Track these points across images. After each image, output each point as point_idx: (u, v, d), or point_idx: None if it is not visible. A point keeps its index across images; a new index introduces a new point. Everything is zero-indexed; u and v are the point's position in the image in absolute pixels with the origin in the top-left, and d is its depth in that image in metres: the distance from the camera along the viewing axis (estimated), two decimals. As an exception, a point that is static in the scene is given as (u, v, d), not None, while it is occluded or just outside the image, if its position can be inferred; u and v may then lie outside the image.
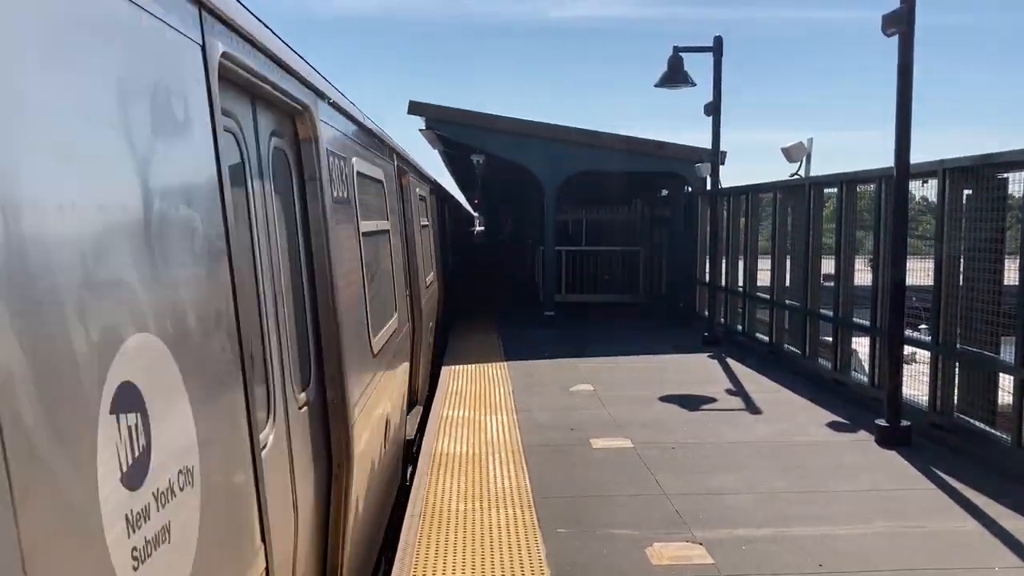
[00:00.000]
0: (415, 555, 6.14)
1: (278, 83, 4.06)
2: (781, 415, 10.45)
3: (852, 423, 9.94)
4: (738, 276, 16.14)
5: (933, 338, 9.43)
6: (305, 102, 4.67)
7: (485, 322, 19.89)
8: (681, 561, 6.04)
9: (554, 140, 18.85)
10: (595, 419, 10.26)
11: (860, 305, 11.43)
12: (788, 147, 13.54)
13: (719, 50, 15.59)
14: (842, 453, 8.78)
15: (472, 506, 7.18)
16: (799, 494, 7.48)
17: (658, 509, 7.11)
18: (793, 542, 6.37)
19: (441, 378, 12.92)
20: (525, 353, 15.04)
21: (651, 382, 12.48)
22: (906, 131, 8.88)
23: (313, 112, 4.82)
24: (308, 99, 4.75)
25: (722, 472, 8.13)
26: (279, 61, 4.08)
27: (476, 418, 10.32)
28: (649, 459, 8.55)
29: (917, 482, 7.86)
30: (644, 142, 19.44)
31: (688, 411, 10.74)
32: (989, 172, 8.67)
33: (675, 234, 20.10)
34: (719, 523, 6.77)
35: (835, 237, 11.75)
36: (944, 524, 6.77)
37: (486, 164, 23.43)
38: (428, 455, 8.76)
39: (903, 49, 8.77)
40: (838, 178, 11.69)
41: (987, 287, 8.63)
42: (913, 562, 6.00)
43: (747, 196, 15.72)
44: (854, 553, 6.16)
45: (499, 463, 8.44)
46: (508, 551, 6.22)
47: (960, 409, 9.11)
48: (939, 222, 9.29)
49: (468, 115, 18.81)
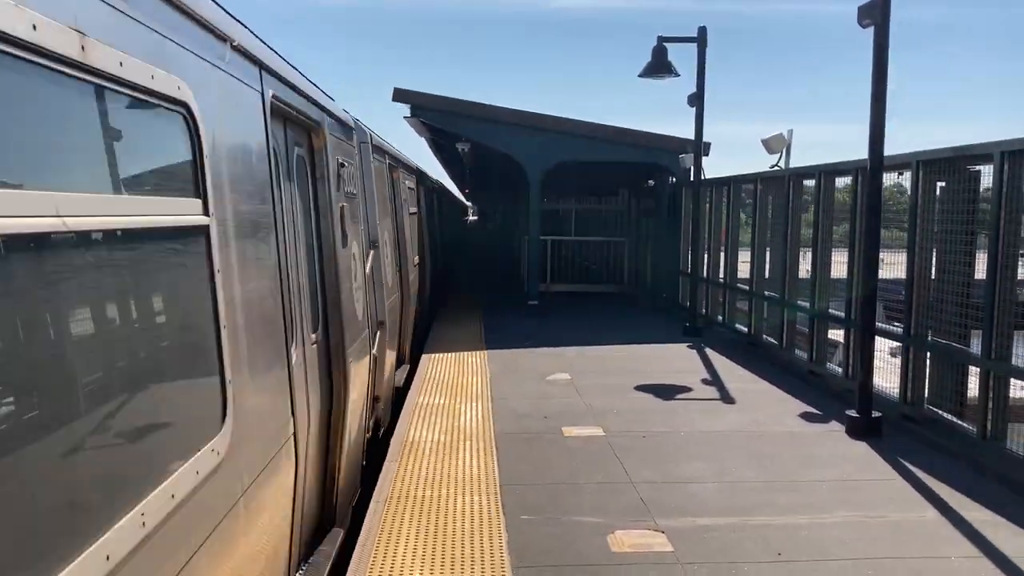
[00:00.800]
0: (377, 539, 6.16)
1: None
2: (755, 405, 10.49)
3: (824, 414, 9.98)
4: (719, 267, 16.17)
5: (905, 330, 9.47)
6: (318, 120, 6.12)
7: (470, 310, 19.91)
8: (641, 548, 6.07)
9: (539, 129, 18.82)
10: (570, 408, 10.29)
11: (840, 297, 11.47)
12: (768, 139, 13.56)
13: (703, 40, 15.59)
14: (812, 444, 8.82)
15: (438, 492, 7.21)
16: (765, 483, 7.52)
17: (623, 497, 7.14)
18: (754, 531, 6.41)
19: (420, 365, 12.94)
20: (506, 342, 15.06)
21: (629, 372, 12.51)
22: (880, 123, 8.90)
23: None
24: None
25: (691, 461, 8.17)
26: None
27: (451, 406, 10.34)
28: (619, 447, 8.58)
29: (883, 473, 7.90)
30: (630, 132, 19.42)
31: (663, 400, 10.78)
32: (962, 165, 8.70)
33: (659, 225, 20.11)
34: (683, 511, 6.80)
35: (813, 229, 11.78)
36: (906, 514, 6.81)
37: (476, 153, 23.40)
38: (399, 442, 8.77)
39: (878, 41, 8.78)
40: (817, 169, 11.71)
41: (958, 280, 8.67)
42: (870, 551, 6.04)
43: (729, 187, 15.74)
44: (813, 542, 6.20)
45: (470, 451, 8.46)
46: (470, 537, 6.24)
47: (930, 401, 9.17)
48: (912, 214, 9.32)
49: (453, 103, 18.76)
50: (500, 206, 43.50)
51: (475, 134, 19.22)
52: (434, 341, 15.31)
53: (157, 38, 2.98)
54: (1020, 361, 7.66)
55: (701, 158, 16.09)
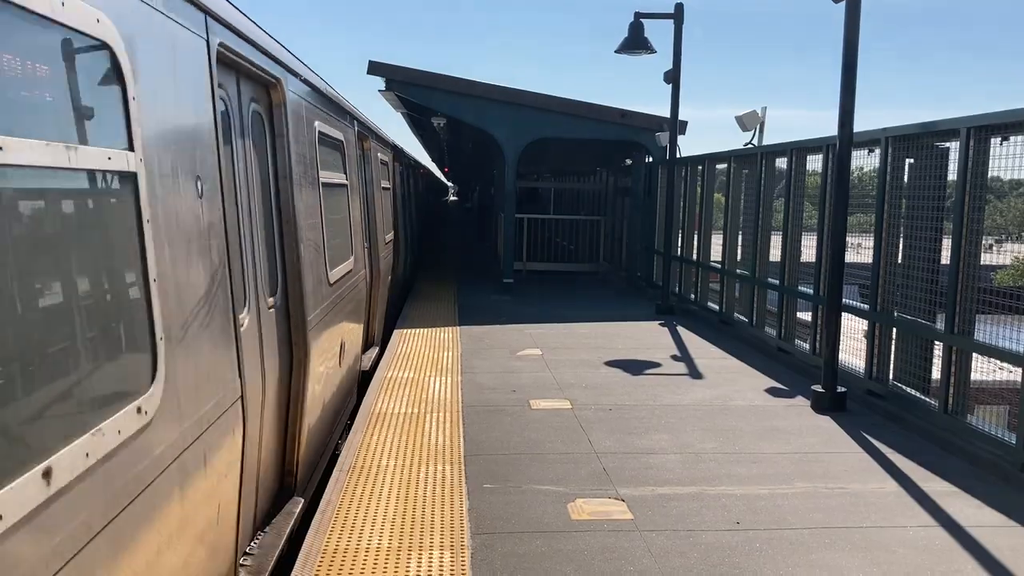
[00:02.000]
0: (337, 506, 6.14)
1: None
2: (722, 380, 10.54)
3: (791, 389, 10.05)
4: (693, 246, 16.20)
5: (871, 306, 9.52)
6: (277, 76, 5.87)
7: (445, 288, 19.86)
8: (600, 516, 6.08)
9: (516, 104, 18.71)
10: (538, 382, 10.29)
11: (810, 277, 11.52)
12: (742, 116, 13.54)
13: (680, 18, 15.52)
14: (776, 417, 8.87)
15: (401, 462, 7.19)
16: (727, 455, 7.55)
17: (586, 467, 7.15)
18: (714, 500, 6.44)
19: (391, 340, 12.90)
20: (480, 318, 15.04)
21: (600, 348, 12.53)
22: (850, 97, 8.91)
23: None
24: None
25: (655, 433, 8.19)
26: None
27: (420, 379, 10.32)
28: (585, 419, 8.59)
29: (845, 446, 7.96)
30: (607, 110, 19.34)
31: (631, 375, 10.80)
32: (930, 141, 8.72)
33: (636, 204, 20.11)
34: (644, 481, 6.82)
35: (784, 207, 11.81)
36: (864, 485, 6.86)
37: (453, 130, 23.27)
38: (365, 414, 8.74)
39: (849, 18, 8.77)
40: (788, 146, 11.71)
41: (926, 256, 8.71)
42: (827, 521, 6.08)
43: (703, 165, 15.74)
44: (771, 511, 6.24)
45: (436, 422, 8.44)
46: (431, 505, 6.23)
47: (896, 377, 9.23)
48: (880, 190, 9.35)
49: (428, 76, 18.60)
50: (478, 185, 43.38)
51: (451, 109, 19.08)
52: (407, 317, 15.26)
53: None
54: (981, 336, 7.71)
55: (676, 136, 16.06)
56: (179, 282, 3.61)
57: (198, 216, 3.98)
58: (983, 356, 7.77)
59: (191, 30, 4.06)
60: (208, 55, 4.31)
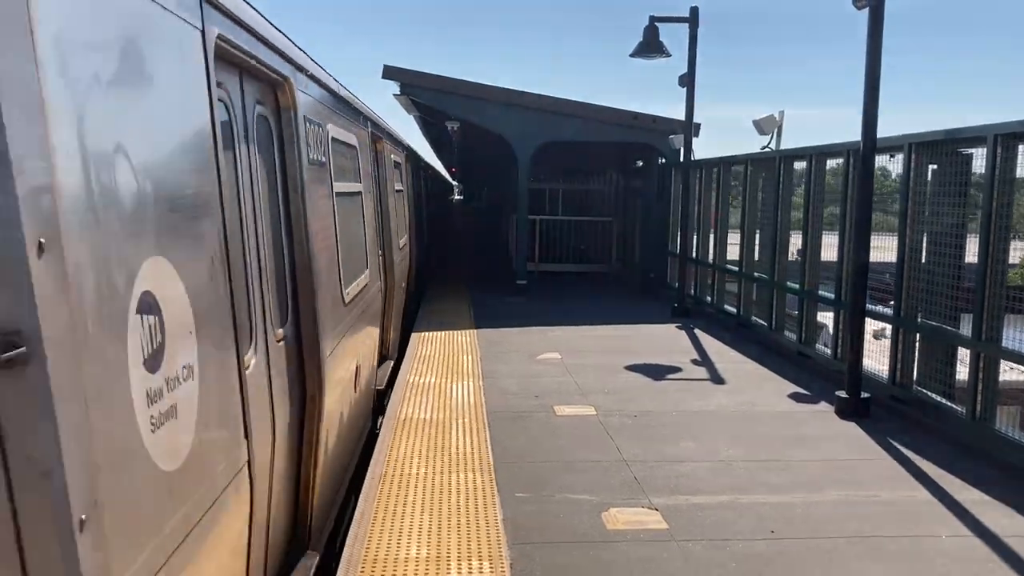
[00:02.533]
0: (373, 515, 6.17)
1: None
2: (745, 385, 10.55)
3: (814, 395, 10.06)
4: (709, 248, 16.21)
5: (895, 311, 9.52)
6: (285, 75, 5.24)
7: (458, 289, 19.89)
8: (636, 526, 6.11)
9: (528, 108, 18.73)
10: (560, 387, 10.31)
11: (831, 281, 11.53)
12: (759, 120, 13.55)
13: (695, 21, 15.54)
14: (801, 424, 8.88)
15: (432, 470, 7.22)
16: (756, 463, 7.57)
17: (616, 475, 7.17)
18: (747, 509, 6.46)
19: (410, 344, 12.92)
20: (495, 321, 15.07)
21: (618, 351, 12.55)
22: (874, 104, 8.90)
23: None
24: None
25: (682, 440, 8.21)
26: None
27: (442, 384, 10.34)
28: (611, 426, 8.61)
29: (873, 453, 7.97)
30: (619, 112, 19.36)
31: (653, 380, 10.82)
32: (953, 147, 8.73)
33: (648, 205, 20.12)
34: (676, 490, 6.84)
35: (803, 210, 11.81)
36: (896, 493, 6.88)
37: (462, 132, 23.30)
38: (392, 419, 8.77)
39: (872, 22, 8.77)
40: (808, 151, 11.72)
41: (950, 263, 8.72)
42: (863, 529, 6.10)
43: (719, 168, 15.74)
44: (805, 520, 6.26)
45: (462, 429, 8.47)
46: (465, 514, 6.26)
47: (920, 382, 9.24)
48: (904, 196, 9.36)
49: (442, 80, 18.63)
50: (487, 186, 43.41)
51: (464, 112, 19.11)
52: (423, 320, 15.29)
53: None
54: (1010, 343, 7.72)
55: (691, 139, 16.08)
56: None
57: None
58: (1014, 363, 7.77)
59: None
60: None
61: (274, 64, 4.98)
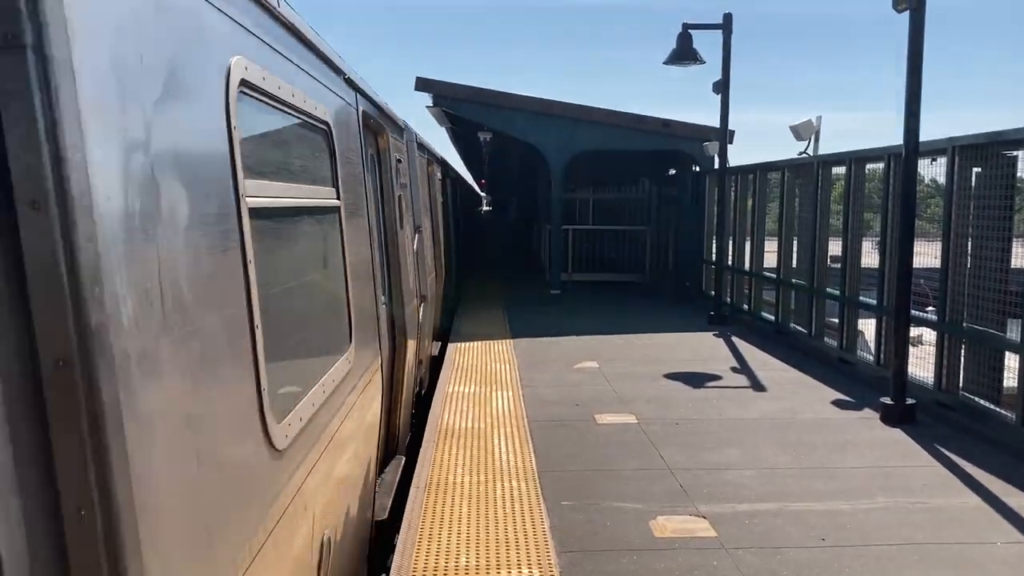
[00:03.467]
0: (420, 524, 6.19)
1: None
2: (786, 393, 10.47)
3: (857, 401, 9.95)
4: (745, 255, 16.12)
5: (940, 317, 9.41)
6: (384, 125, 7.38)
7: (492, 300, 19.93)
8: (684, 534, 6.08)
9: (561, 118, 18.79)
10: (600, 395, 10.30)
11: (867, 287, 11.44)
12: (796, 125, 13.48)
13: (728, 27, 15.50)
14: (846, 430, 8.79)
15: (476, 479, 7.23)
16: (802, 470, 7.50)
17: (661, 483, 7.14)
18: (796, 516, 6.40)
19: (447, 354, 12.96)
20: (531, 330, 15.08)
21: (656, 360, 12.51)
22: (915, 108, 8.83)
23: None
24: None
25: (726, 448, 8.16)
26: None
27: (482, 393, 10.36)
28: (653, 434, 8.58)
29: (921, 459, 7.88)
30: (652, 120, 19.36)
31: (693, 388, 10.77)
32: (998, 150, 8.63)
33: (682, 213, 20.05)
34: (723, 497, 6.80)
35: (842, 216, 11.72)
36: (947, 500, 6.79)
37: (494, 142, 23.39)
38: (433, 428, 8.81)
39: (913, 25, 8.71)
40: (847, 156, 11.63)
41: (996, 266, 8.61)
42: (914, 537, 6.02)
43: (755, 175, 15.66)
44: (855, 527, 6.19)
45: (504, 437, 8.48)
46: (512, 522, 6.26)
47: (966, 388, 9.11)
48: (948, 200, 9.26)
49: (475, 92, 18.74)
50: (517, 196, 43.47)
51: (497, 123, 19.20)
52: (459, 331, 15.33)
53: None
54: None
55: (726, 146, 16.02)
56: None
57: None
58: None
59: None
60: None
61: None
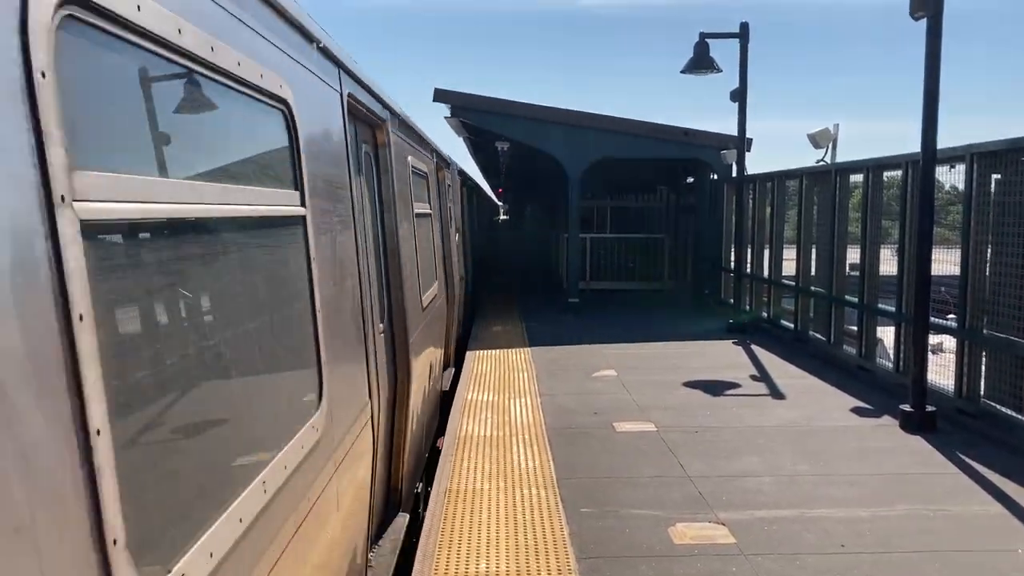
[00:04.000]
0: (440, 530, 6.24)
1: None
2: (805, 400, 10.45)
3: (876, 409, 9.93)
4: (763, 263, 16.10)
5: (959, 324, 9.38)
6: (383, 118, 6.37)
7: (509, 308, 19.99)
8: (703, 540, 6.09)
9: (578, 127, 18.84)
10: (618, 403, 10.32)
11: (885, 294, 11.41)
12: (814, 133, 13.47)
13: (745, 36, 15.53)
14: (866, 437, 8.77)
15: (496, 485, 7.27)
16: (821, 477, 7.50)
17: (680, 490, 7.16)
18: (815, 523, 6.40)
19: (465, 363, 13.03)
20: (549, 339, 15.12)
21: (675, 368, 12.51)
22: (933, 115, 8.83)
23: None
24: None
25: (745, 455, 8.16)
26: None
27: (500, 401, 10.41)
28: (672, 442, 8.59)
29: (941, 466, 7.85)
30: (669, 129, 19.37)
31: (711, 396, 10.77)
32: (1017, 156, 8.60)
33: (700, 221, 20.05)
34: (742, 504, 6.81)
35: (861, 224, 11.70)
36: (968, 508, 6.76)
37: (511, 151, 23.46)
38: (453, 436, 8.86)
39: (931, 32, 8.71)
40: (864, 164, 11.62)
41: (1016, 273, 8.57)
42: (935, 544, 6.01)
43: (773, 182, 15.65)
44: (875, 534, 6.18)
45: (523, 445, 8.52)
46: (531, 529, 6.30)
47: (987, 395, 9.07)
48: (966, 207, 9.23)
49: (492, 102, 18.83)
50: (534, 204, 43.55)
51: (514, 133, 19.28)
52: (477, 338, 15.40)
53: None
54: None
55: (744, 154, 16.02)
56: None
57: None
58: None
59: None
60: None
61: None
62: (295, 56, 3.63)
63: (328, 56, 4.30)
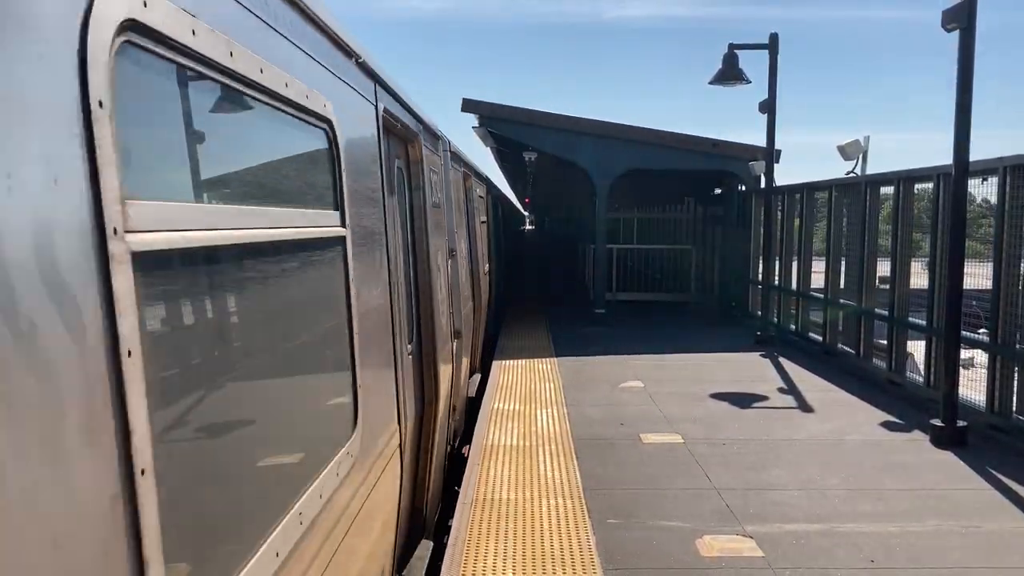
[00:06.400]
0: (466, 539, 6.26)
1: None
2: (833, 414, 10.37)
3: (906, 423, 9.83)
4: (792, 275, 16.01)
5: (992, 338, 9.28)
6: (416, 132, 6.39)
7: (535, 318, 20.00)
8: (731, 553, 6.07)
9: (606, 137, 18.85)
10: (645, 415, 10.29)
11: (916, 308, 11.31)
12: (844, 145, 13.40)
13: (775, 48, 15.48)
14: (895, 452, 8.69)
15: (522, 495, 7.28)
16: (851, 491, 7.44)
17: (708, 503, 7.13)
18: (844, 538, 6.35)
19: (492, 372, 13.05)
20: (575, 349, 15.11)
21: (702, 380, 12.46)
22: (965, 128, 8.76)
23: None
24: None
25: (773, 468, 8.12)
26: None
27: (526, 411, 10.42)
28: (699, 454, 8.56)
29: (972, 482, 7.76)
30: (697, 140, 19.34)
31: (739, 408, 10.71)
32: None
33: (728, 233, 19.97)
34: (770, 518, 6.77)
35: (891, 236, 11.61)
36: (1000, 524, 6.68)
37: (538, 162, 23.52)
38: (479, 446, 8.88)
39: (963, 45, 8.65)
40: (895, 176, 11.54)
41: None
42: (966, 561, 5.94)
43: (802, 194, 15.57)
44: (905, 550, 6.12)
45: (549, 455, 8.52)
46: (558, 539, 6.30)
47: (1019, 410, 8.96)
48: (999, 220, 9.15)
49: (521, 112, 18.89)
50: (561, 215, 43.55)
51: (542, 143, 19.33)
52: (503, 349, 15.42)
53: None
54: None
55: (773, 165, 15.96)
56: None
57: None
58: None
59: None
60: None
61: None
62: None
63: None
